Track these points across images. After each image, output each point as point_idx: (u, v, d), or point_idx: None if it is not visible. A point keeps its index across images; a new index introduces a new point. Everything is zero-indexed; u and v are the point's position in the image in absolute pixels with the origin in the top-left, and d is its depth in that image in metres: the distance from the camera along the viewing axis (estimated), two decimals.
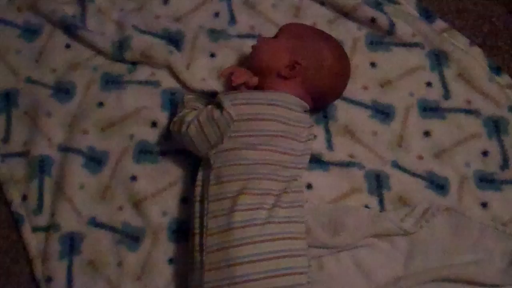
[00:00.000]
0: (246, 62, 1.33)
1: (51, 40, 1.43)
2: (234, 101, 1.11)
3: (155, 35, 1.41)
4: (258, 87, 1.21)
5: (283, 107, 1.14)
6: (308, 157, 1.17)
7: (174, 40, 1.40)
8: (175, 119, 1.18)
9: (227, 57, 1.37)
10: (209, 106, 1.13)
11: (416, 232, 1.16)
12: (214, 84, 1.34)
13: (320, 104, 1.25)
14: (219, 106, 1.11)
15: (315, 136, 1.25)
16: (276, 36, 1.24)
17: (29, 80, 1.39)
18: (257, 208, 1.03)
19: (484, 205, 1.20)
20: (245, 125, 1.10)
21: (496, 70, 1.33)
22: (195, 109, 1.17)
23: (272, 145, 1.10)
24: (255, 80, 1.20)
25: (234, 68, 1.23)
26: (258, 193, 1.05)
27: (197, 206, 1.10)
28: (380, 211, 1.20)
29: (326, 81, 1.20)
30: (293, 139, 1.13)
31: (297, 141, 1.14)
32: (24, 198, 1.28)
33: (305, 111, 1.20)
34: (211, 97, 1.26)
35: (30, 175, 1.29)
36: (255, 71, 1.22)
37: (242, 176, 1.07)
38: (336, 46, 1.25)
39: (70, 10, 1.46)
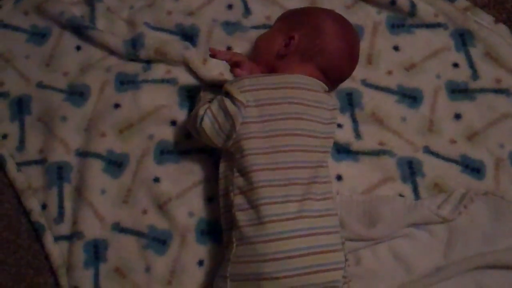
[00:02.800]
0: None
1: (60, 43, 1.40)
2: (242, 88, 1.07)
3: (168, 31, 1.38)
4: None
5: (296, 88, 1.09)
6: (331, 141, 1.13)
7: (189, 35, 1.37)
8: (190, 115, 1.15)
9: (244, 50, 1.34)
10: (219, 96, 1.09)
11: (455, 219, 1.13)
12: (231, 78, 1.29)
13: (337, 79, 1.20)
14: (228, 95, 1.07)
15: (340, 125, 1.23)
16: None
17: (41, 85, 1.36)
18: (286, 202, 0.99)
19: None
20: (258, 111, 1.06)
21: None
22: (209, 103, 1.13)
23: (290, 129, 1.05)
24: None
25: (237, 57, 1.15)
26: (283, 184, 1.01)
27: (222, 200, 1.08)
28: (415, 200, 1.17)
29: (330, 48, 1.15)
30: (312, 120, 1.08)
31: (318, 123, 1.09)
32: (44, 206, 1.25)
33: (325, 91, 1.15)
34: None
35: (48, 183, 1.26)
36: (260, 62, 1.19)
37: (265, 166, 1.02)
38: (334, 13, 1.21)
39: (78, 11, 1.43)
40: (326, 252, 0.98)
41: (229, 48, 1.34)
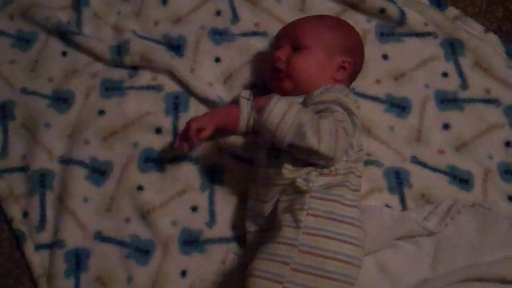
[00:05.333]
0: (253, 62, 1.30)
1: (46, 48, 1.39)
2: (356, 103, 1.10)
3: (155, 41, 1.36)
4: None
5: None
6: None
7: (176, 45, 1.35)
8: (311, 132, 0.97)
9: (232, 60, 1.32)
10: (341, 112, 1.03)
11: (442, 231, 1.11)
12: (221, 89, 1.30)
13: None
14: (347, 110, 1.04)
15: None
16: (299, 46, 1.14)
17: (25, 91, 1.34)
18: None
19: (510, 198, 1.16)
20: None
21: None
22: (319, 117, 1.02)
23: None
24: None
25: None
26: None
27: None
28: (402, 210, 1.16)
29: (362, 60, 1.23)
30: None
31: None
32: (26, 214, 1.24)
33: None
34: (216, 104, 1.26)
35: (30, 190, 1.25)
36: (306, 87, 1.12)
37: None
38: (350, 25, 1.24)
39: (64, 16, 1.42)
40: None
41: (217, 59, 1.33)
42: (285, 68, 1.13)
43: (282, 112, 0.95)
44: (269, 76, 1.17)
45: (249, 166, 1.19)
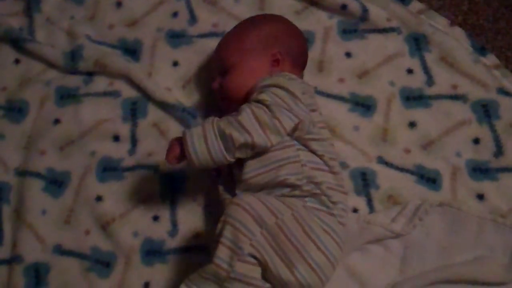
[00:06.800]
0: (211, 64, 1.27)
1: None
2: (302, 88, 1.05)
3: (110, 46, 1.33)
4: None
5: None
6: None
7: (132, 50, 1.33)
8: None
9: (191, 64, 1.29)
10: (267, 93, 1.01)
11: (410, 232, 1.08)
12: (180, 94, 1.28)
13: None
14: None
15: None
16: (226, 70, 1.12)
17: None
18: None
19: (480, 197, 1.13)
20: None
21: (480, 50, 1.25)
22: None
23: None
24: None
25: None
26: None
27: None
28: (370, 213, 1.13)
29: (299, 42, 1.17)
30: None
31: None
32: None
33: None
34: (175, 109, 1.22)
35: None
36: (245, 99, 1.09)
37: None
38: (264, 15, 1.22)
39: (16, 22, 1.40)
40: None
41: (175, 63, 1.30)
42: (221, 91, 1.13)
43: (202, 136, 0.95)
44: (220, 104, 1.17)
45: (212, 173, 1.15)
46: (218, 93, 1.14)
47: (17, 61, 1.35)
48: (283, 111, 0.97)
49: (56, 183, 1.22)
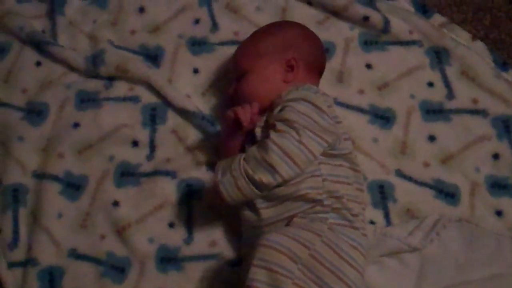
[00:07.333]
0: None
1: (20, 59, 1.36)
2: (326, 102, 1.06)
3: (131, 51, 1.34)
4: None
5: None
6: None
7: (153, 56, 1.33)
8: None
9: (211, 72, 1.30)
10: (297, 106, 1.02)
11: (426, 247, 1.07)
12: (199, 102, 1.27)
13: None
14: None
15: None
16: (241, 75, 1.13)
17: None
18: None
19: (499, 213, 1.12)
20: None
21: (502, 65, 1.24)
22: None
23: None
24: (255, 108, 1.07)
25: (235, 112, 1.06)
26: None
27: None
28: (387, 226, 1.12)
29: (315, 49, 1.16)
30: None
31: None
32: None
33: None
34: (194, 116, 1.22)
35: (3, 206, 1.22)
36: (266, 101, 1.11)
37: None
38: (282, 22, 1.24)
39: (39, 25, 1.40)
40: None
41: (195, 70, 1.30)
42: (237, 99, 1.13)
43: (234, 185, 0.96)
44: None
45: None
46: (232, 98, 1.15)
47: (38, 64, 1.35)
48: (311, 135, 0.96)
49: (73, 186, 1.21)
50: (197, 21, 1.35)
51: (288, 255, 0.88)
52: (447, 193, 1.14)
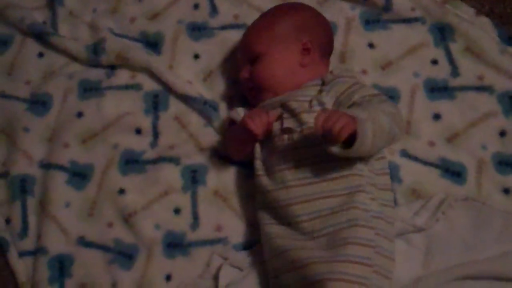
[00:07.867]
0: (233, 57, 1.27)
1: (22, 50, 1.37)
2: None
3: (132, 39, 1.34)
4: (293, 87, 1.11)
5: None
6: None
7: (153, 43, 1.33)
8: None
9: (212, 56, 1.29)
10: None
11: (433, 227, 1.06)
12: (201, 87, 1.28)
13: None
14: None
15: None
16: (255, 57, 1.12)
17: (3, 95, 1.32)
18: None
19: (506, 191, 1.11)
20: None
21: (508, 40, 1.22)
22: None
23: None
24: (272, 117, 1.06)
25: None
26: None
27: None
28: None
29: (328, 32, 1.18)
30: None
31: None
32: (8, 221, 1.22)
33: None
34: (196, 102, 1.22)
35: (12, 196, 1.23)
36: (283, 86, 1.11)
37: None
38: (292, 3, 1.21)
39: (40, 16, 1.40)
40: None
41: (196, 56, 1.30)
42: (253, 83, 1.12)
43: (371, 135, 0.91)
44: (247, 94, 1.17)
45: (233, 165, 1.17)
46: (247, 82, 1.14)
47: (40, 55, 1.36)
48: None
49: (79, 175, 1.22)
50: (196, 6, 1.34)
51: (357, 282, 0.90)
52: (453, 172, 1.12)
